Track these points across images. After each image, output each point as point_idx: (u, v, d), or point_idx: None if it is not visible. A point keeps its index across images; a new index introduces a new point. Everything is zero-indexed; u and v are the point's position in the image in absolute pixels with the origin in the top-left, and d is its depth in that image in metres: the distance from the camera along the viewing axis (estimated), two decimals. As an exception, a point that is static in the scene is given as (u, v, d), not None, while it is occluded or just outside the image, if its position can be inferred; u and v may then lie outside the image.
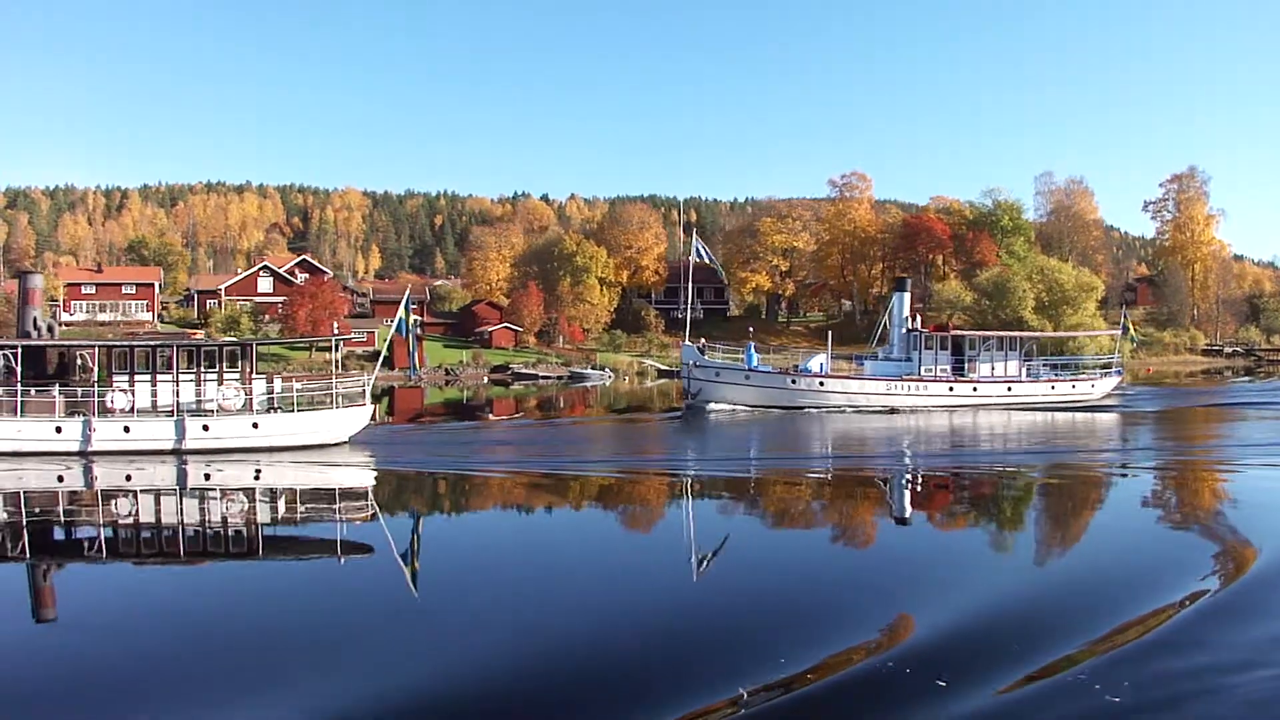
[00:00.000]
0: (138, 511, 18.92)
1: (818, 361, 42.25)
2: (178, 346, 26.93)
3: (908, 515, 17.77)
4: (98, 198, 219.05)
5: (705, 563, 13.15)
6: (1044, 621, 9.79)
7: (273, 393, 27.35)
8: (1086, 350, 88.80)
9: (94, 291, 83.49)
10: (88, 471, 23.10)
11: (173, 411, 25.79)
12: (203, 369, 26.46)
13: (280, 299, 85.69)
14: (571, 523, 17.66)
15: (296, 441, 26.09)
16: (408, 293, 30.23)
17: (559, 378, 70.78)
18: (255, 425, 25.88)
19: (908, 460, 25.54)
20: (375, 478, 23.42)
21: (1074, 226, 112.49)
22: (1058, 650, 8.70)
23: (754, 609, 10.86)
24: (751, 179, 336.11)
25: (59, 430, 24.91)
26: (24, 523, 17.49)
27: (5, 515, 18.34)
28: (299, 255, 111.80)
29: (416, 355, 31.08)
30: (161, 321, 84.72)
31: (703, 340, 53.42)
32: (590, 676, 8.60)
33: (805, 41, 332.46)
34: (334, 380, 27.45)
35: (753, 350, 42.56)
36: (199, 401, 26.17)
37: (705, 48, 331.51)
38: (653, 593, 11.75)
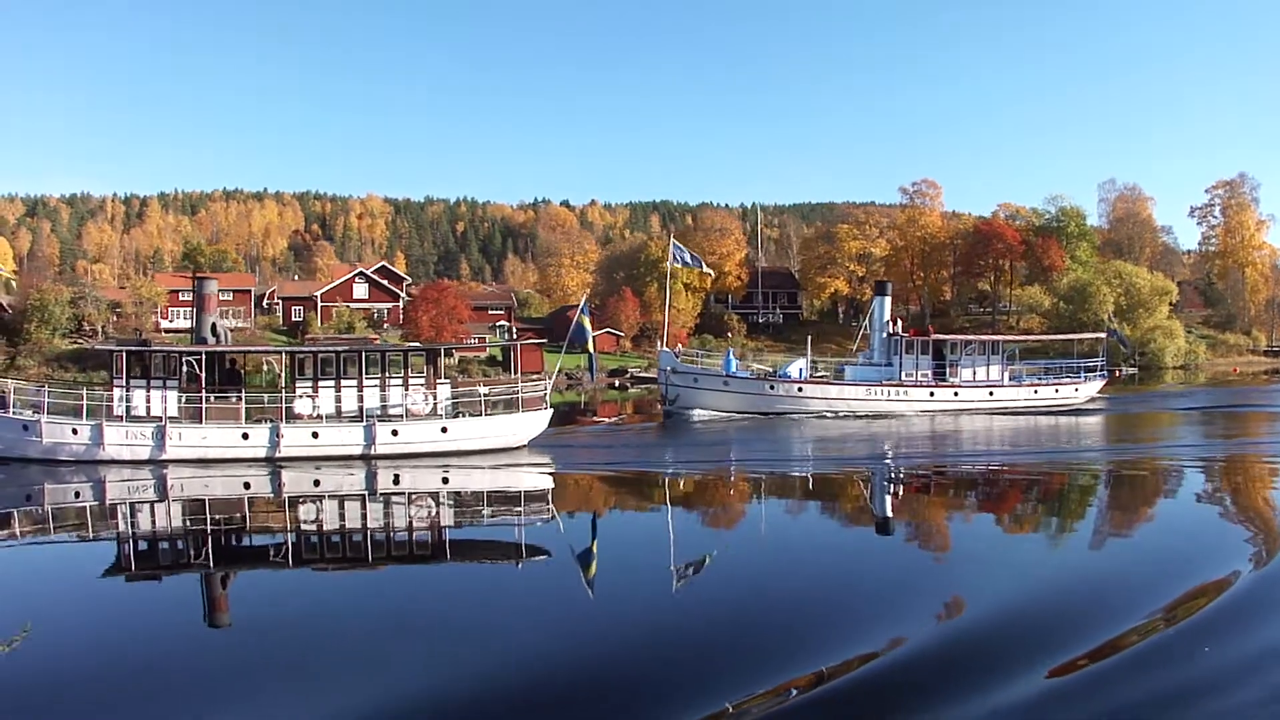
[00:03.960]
0: (323, 517, 19.04)
1: (797, 367, 41.60)
2: (364, 352, 26.71)
3: (889, 522, 17.76)
4: (116, 205, 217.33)
5: (685, 575, 13.10)
6: (1049, 636, 9.77)
7: (458, 397, 27.56)
8: (1167, 352, 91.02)
9: (192, 298, 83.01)
10: (275, 477, 22.96)
11: (360, 416, 25.67)
12: (388, 374, 26.40)
13: (381, 305, 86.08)
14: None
15: (482, 445, 26.18)
16: (585, 300, 30.75)
17: (681, 381, 71.41)
18: (444, 430, 25.89)
19: (889, 466, 25.32)
20: (554, 479, 23.58)
21: (1139, 232, 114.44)
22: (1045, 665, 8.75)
23: (737, 621, 10.72)
24: (759, 186, 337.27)
25: (245, 437, 24.77)
26: (208, 530, 17.51)
27: (189, 523, 18.33)
28: (377, 261, 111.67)
29: (595, 361, 31.93)
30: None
31: (680, 345, 53.39)
32: (584, 685, 8.70)
33: (813, 48, 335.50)
34: (519, 384, 27.54)
35: (731, 356, 42.20)
36: (384, 406, 26.19)
37: (723, 58, 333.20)
38: (634, 604, 11.77)
